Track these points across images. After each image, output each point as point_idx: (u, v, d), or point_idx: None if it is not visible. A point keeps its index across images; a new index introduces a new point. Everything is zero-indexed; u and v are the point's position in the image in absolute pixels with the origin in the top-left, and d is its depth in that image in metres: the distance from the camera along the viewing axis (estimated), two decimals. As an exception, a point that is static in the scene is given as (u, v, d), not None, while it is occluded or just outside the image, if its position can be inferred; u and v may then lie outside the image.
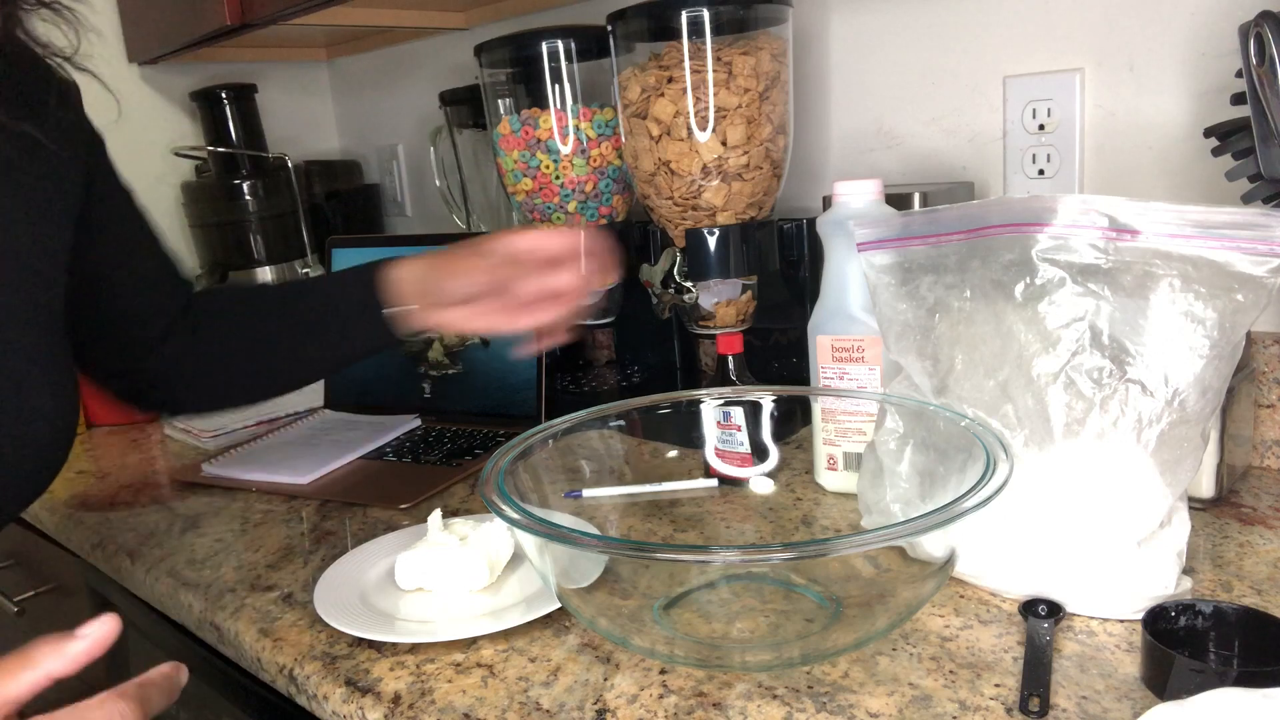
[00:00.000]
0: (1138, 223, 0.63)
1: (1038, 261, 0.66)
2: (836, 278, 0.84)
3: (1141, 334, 0.63)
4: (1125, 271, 0.63)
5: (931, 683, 0.57)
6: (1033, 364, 0.65)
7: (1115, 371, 0.63)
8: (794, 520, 0.83)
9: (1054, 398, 0.64)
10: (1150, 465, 0.62)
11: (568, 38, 1.10)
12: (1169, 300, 0.62)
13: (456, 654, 0.66)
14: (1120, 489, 0.63)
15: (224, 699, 0.83)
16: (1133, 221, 0.63)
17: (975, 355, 0.69)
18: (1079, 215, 0.64)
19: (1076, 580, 0.64)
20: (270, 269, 1.62)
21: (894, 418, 0.73)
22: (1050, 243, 0.65)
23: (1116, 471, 0.63)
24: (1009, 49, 0.97)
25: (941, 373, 0.71)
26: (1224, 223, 0.60)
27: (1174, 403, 0.62)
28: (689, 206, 0.99)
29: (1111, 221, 0.63)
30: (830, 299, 0.85)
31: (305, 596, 0.76)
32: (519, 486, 0.67)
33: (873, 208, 0.82)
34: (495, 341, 1.19)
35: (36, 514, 1.09)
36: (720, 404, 0.85)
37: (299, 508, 0.98)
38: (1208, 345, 0.61)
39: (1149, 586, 0.62)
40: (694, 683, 0.59)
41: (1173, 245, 0.62)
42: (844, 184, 0.83)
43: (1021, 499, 0.63)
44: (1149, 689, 0.55)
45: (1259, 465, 0.86)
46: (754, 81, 0.95)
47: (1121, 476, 0.63)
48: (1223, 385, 0.63)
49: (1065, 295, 0.64)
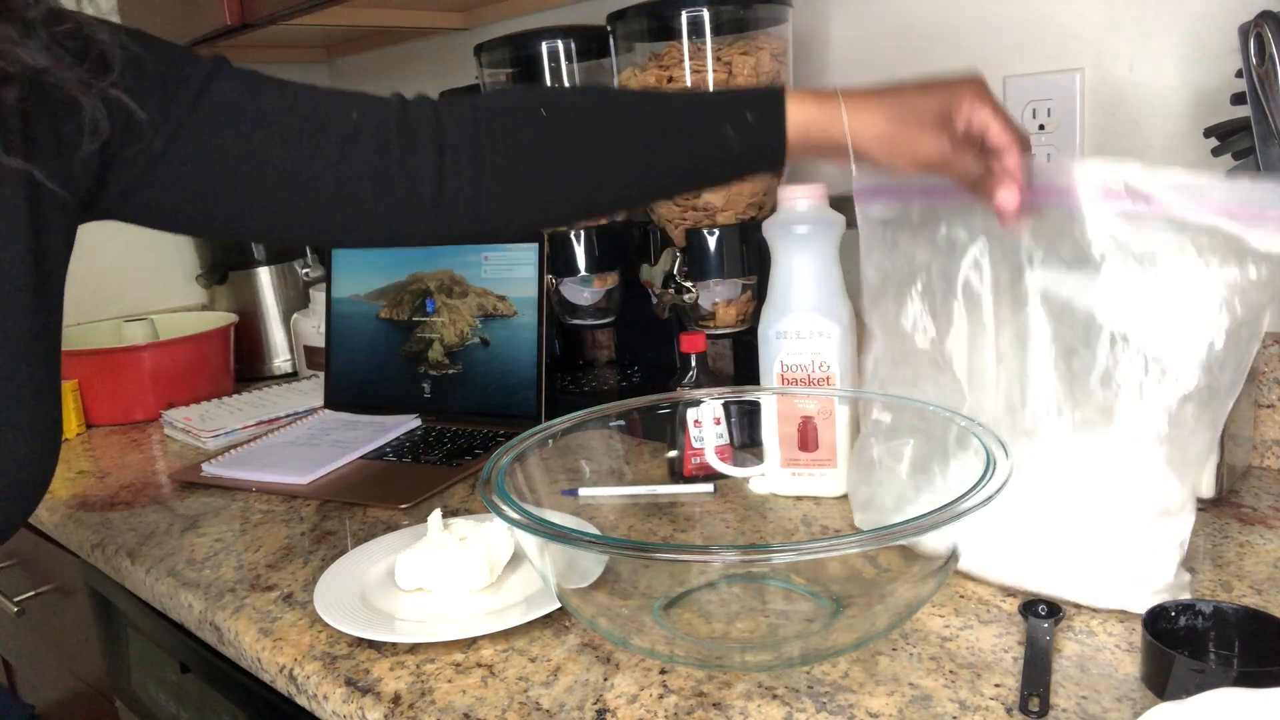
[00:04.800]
0: (1154, 191, 0.60)
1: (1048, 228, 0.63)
2: (783, 278, 0.87)
3: (1153, 310, 0.60)
4: (1139, 243, 0.60)
5: (931, 683, 0.57)
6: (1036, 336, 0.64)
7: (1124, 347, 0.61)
8: (794, 520, 0.83)
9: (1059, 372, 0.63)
10: (1158, 452, 0.61)
11: (568, 38, 1.10)
12: (1182, 274, 0.59)
13: (456, 654, 0.66)
14: (1125, 474, 0.62)
15: (224, 699, 0.83)
16: (1149, 190, 0.60)
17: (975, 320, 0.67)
18: (1094, 181, 0.62)
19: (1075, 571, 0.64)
20: (270, 269, 1.62)
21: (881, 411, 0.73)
22: (1062, 209, 0.62)
23: (1121, 456, 0.62)
24: (1009, 49, 0.97)
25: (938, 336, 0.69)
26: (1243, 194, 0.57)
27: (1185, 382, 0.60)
28: (689, 206, 0.99)
29: (1127, 189, 0.60)
30: (777, 299, 0.87)
31: (305, 596, 0.76)
32: (519, 486, 0.67)
33: (816, 211, 0.85)
34: (495, 341, 1.19)
35: (37, 514, 1.09)
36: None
37: (299, 508, 0.98)
38: (1224, 322, 0.59)
39: (1149, 578, 0.62)
40: (694, 683, 0.59)
41: (1188, 215, 0.59)
42: (789, 188, 0.86)
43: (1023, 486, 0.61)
44: (1149, 689, 0.55)
45: (1259, 465, 0.86)
46: (754, 81, 0.95)
47: (1127, 462, 0.61)
48: (1240, 367, 0.60)
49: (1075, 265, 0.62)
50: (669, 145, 0.68)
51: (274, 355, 1.64)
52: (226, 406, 1.34)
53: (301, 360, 1.53)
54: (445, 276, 1.23)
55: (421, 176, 0.66)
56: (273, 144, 0.64)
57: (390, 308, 1.28)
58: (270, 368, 1.64)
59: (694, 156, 0.69)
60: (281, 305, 1.63)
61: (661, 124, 0.68)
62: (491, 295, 1.19)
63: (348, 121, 0.65)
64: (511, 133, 0.67)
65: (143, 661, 0.99)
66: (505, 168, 0.67)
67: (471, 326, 1.21)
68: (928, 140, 0.65)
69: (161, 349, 1.41)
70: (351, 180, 0.65)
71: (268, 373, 1.63)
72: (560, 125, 0.67)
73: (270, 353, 1.63)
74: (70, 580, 1.13)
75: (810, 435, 0.84)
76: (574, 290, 1.17)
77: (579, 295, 1.18)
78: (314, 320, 1.47)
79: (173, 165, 0.62)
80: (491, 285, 1.19)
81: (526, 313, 1.16)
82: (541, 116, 0.67)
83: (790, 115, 0.66)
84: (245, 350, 1.61)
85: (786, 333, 0.86)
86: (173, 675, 0.92)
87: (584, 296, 1.18)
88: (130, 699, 1.04)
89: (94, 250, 1.65)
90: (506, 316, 1.18)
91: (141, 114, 0.59)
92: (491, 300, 1.19)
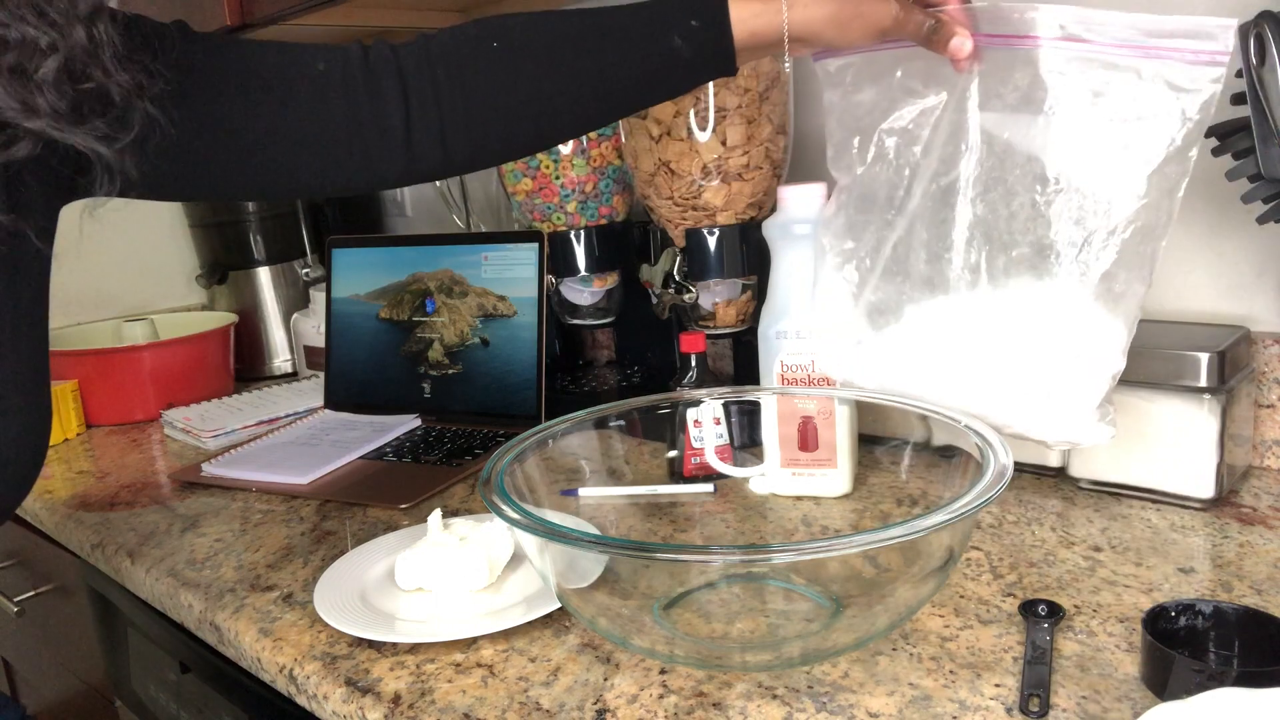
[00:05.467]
0: (1091, 31, 0.64)
1: (993, 72, 0.68)
2: (783, 278, 0.87)
3: (1089, 148, 0.64)
4: (1078, 83, 0.64)
5: (931, 683, 0.57)
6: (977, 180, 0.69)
7: (1061, 185, 0.65)
8: (794, 520, 0.83)
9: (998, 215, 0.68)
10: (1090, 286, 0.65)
11: (568, 38, 1.10)
12: (1117, 111, 0.63)
13: (456, 654, 0.66)
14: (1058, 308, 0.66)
15: (224, 699, 0.83)
16: (1087, 31, 0.64)
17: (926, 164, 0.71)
18: (1039, 23, 0.65)
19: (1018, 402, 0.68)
20: (270, 269, 1.62)
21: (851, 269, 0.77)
22: (1006, 53, 0.67)
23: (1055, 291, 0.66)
24: (1009, 49, 0.97)
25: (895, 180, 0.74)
26: (1170, 29, 0.61)
27: (1121, 218, 0.64)
28: (689, 206, 0.99)
29: (1066, 31, 0.64)
30: (777, 299, 0.88)
31: (305, 596, 0.76)
32: (519, 486, 0.68)
33: (816, 211, 0.85)
34: (495, 341, 1.19)
35: (37, 514, 1.09)
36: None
37: (299, 508, 0.98)
38: (1155, 158, 0.63)
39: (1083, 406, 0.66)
40: (694, 683, 0.59)
41: (1118, 56, 0.63)
42: (789, 188, 0.87)
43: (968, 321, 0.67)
44: (1149, 689, 0.55)
45: (1259, 465, 0.86)
46: (754, 81, 0.95)
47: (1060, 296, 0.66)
48: (1169, 202, 0.64)
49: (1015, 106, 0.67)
50: (619, 61, 0.69)
51: (274, 355, 1.64)
52: (226, 406, 1.34)
53: (301, 360, 1.53)
54: (445, 276, 1.23)
55: (390, 120, 0.67)
56: (245, 103, 0.65)
57: (390, 308, 1.28)
58: (270, 368, 1.64)
59: (646, 69, 0.70)
60: (281, 305, 1.63)
61: (609, 41, 0.69)
62: (491, 295, 1.19)
63: (315, 74, 0.66)
64: (466, 69, 0.68)
65: (143, 661, 0.99)
66: (464, 103, 0.68)
67: (471, 326, 1.21)
68: (875, 8, 0.67)
69: (161, 349, 1.41)
70: (324, 131, 0.67)
71: (268, 373, 1.63)
72: (511, 55, 0.68)
73: (270, 353, 1.63)
74: (70, 580, 1.13)
75: (810, 435, 0.84)
76: (574, 290, 1.17)
77: (579, 295, 1.18)
78: (314, 320, 1.47)
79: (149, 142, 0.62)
80: (491, 285, 1.19)
81: (526, 313, 1.16)
82: (492, 49, 0.68)
83: (735, 14, 0.67)
84: (245, 350, 1.62)
85: (786, 333, 0.87)
86: (173, 675, 0.92)
87: (584, 296, 1.18)
88: (130, 699, 1.04)
89: (94, 250, 1.65)
90: (506, 316, 1.18)
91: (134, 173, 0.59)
92: (491, 300, 1.19)
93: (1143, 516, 0.77)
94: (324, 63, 0.67)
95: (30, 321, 0.61)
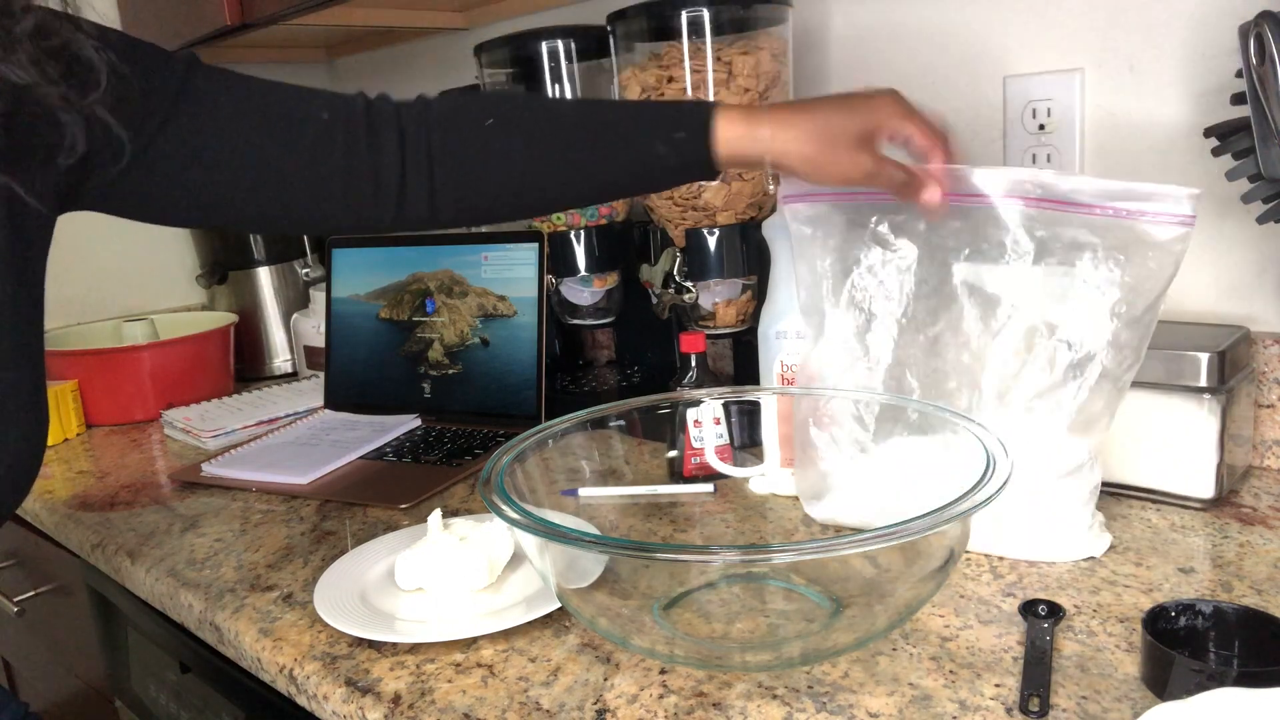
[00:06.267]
0: (1068, 194, 0.68)
1: (971, 227, 0.71)
2: (783, 278, 0.88)
3: (1067, 299, 0.69)
4: (1049, 239, 0.69)
5: (931, 683, 0.57)
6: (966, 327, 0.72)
7: (1044, 334, 0.70)
8: (794, 520, 0.83)
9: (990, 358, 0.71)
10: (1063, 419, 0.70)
11: (568, 38, 1.11)
12: (1091, 266, 0.68)
13: (456, 654, 0.66)
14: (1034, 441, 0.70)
15: (224, 699, 0.84)
16: (1063, 192, 0.68)
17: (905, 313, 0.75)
18: (1006, 185, 0.70)
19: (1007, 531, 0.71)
20: (270, 269, 1.62)
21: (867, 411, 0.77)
22: (988, 213, 0.71)
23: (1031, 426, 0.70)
24: (1009, 49, 0.97)
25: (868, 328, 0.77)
26: (1141, 194, 0.66)
27: (1094, 361, 0.69)
28: (689, 206, 0.99)
29: (1045, 192, 0.69)
30: (777, 299, 0.89)
31: (305, 596, 0.76)
32: (519, 486, 0.68)
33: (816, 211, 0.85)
34: (495, 341, 1.19)
35: (37, 514, 1.09)
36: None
37: (299, 508, 0.98)
38: (1124, 308, 0.68)
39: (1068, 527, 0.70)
40: (694, 683, 0.59)
41: (1095, 219, 0.68)
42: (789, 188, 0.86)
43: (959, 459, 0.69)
44: (1149, 689, 0.55)
45: (1259, 465, 0.86)
46: (754, 81, 0.95)
47: (1036, 430, 0.70)
48: (1140, 344, 0.69)
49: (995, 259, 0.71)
50: (605, 157, 0.73)
51: (274, 355, 1.64)
52: (226, 406, 1.34)
53: (301, 360, 1.53)
54: (445, 276, 1.23)
55: (386, 175, 0.71)
56: (249, 140, 0.67)
57: (390, 308, 1.28)
58: (270, 368, 1.64)
59: (630, 168, 0.74)
60: (281, 305, 1.63)
61: (600, 139, 0.73)
62: (491, 295, 1.19)
63: (320, 121, 0.70)
64: (459, 139, 0.72)
65: (143, 661, 0.99)
66: (455, 172, 0.72)
67: (471, 326, 1.21)
68: (851, 159, 0.70)
69: (161, 349, 1.41)
70: (323, 177, 0.70)
71: (268, 373, 1.63)
72: (503, 134, 0.72)
73: (270, 353, 1.63)
74: (70, 580, 1.13)
75: (810, 435, 0.84)
76: (574, 290, 1.17)
77: (579, 295, 1.18)
78: (314, 320, 1.47)
79: (152, 163, 0.65)
80: (491, 285, 1.19)
81: (526, 313, 1.16)
82: (486, 127, 0.72)
83: (719, 134, 0.71)
84: (245, 350, 1.62)
85: (786, 332, 0.87)
86: (173, 675, 0.92)
87: (584, 296, 1.18)
88: (130, 699, 1.04)
89: (94, 250, 1.65)
90: (506, 316, 1.18)
91: (122, 132, 0.61)
92: (491, 300, 1.19)
93: (1143, 516, 0.77)
94: (329, 111, 0.70)
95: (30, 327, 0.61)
